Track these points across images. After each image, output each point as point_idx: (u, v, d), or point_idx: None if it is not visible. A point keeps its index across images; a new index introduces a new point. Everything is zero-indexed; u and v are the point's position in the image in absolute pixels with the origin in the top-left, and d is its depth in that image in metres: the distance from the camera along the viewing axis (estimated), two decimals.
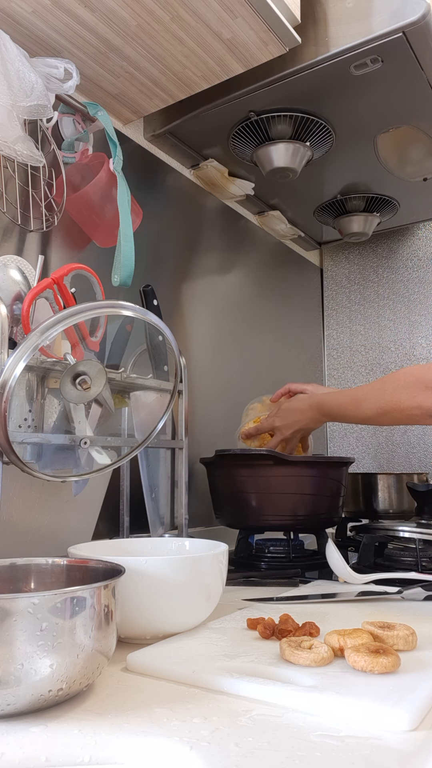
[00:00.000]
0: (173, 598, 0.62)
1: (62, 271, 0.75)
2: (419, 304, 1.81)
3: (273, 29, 0.94)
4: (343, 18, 1.01)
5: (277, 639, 0.62)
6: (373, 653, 0.53)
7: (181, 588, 0.62)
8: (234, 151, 1.31)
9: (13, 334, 0.74)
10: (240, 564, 1.09)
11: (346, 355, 1.92)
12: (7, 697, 0.43)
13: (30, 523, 0.77)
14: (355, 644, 0.56)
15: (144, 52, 0.99)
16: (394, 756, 0.40)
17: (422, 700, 0.46)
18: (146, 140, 1.27)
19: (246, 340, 1.56)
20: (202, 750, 0.40)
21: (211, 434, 1.37)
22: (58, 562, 0.60)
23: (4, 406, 0.64)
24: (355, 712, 0.45)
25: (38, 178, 0.96)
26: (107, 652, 0.49)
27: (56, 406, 0.80)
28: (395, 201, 1.57)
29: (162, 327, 0.81)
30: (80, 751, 0.41)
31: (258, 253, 1.65)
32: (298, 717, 0.45)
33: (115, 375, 0.84)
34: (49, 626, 0.44)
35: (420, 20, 0.95)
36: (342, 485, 1.14)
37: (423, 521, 1.20)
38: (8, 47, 0.83)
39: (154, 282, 1.04)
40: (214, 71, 1.04)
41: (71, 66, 0.91)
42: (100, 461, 0.79)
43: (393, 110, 1.19)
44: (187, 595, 0.63)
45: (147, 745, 0.41)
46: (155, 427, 0.84)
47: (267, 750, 0.40)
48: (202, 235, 1.44)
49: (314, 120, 1.20)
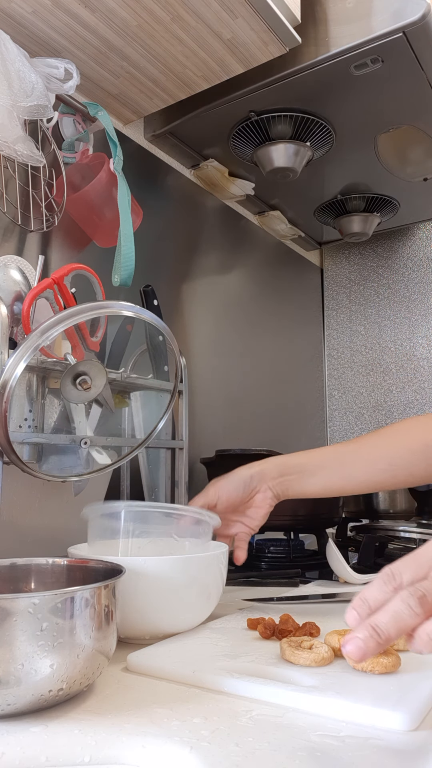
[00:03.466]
0: (173, 598, 0.62)
1: (62, 271, 0.75)
2: (419, 304, 1.80)
3: (273, 29, 0.94)
4: (344, 18, 1.01)
5: (277, 639, 0.62)
6: None
7: (181, 588, 0.62)
8: (234, 151, 1.31)
9: (14, 334, 0.74)
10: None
11: (346, 355, 1.92)
12: (8, 697, 0.43)
13: (30, 523, 0.77)
14: None
15: (144, 52, 0.99)
16: (394, 756, 0.40)
17: (422, 700, 0.46)
18: (146, 140, 1.27)
19: (246, 340, 1.56)
20: (203, 750, 0.40)
21: (211, 434, 1.37)
22: (59, 562, 0.60)
23: (5, 406, 0.64)
24: (356, 712, 0.45)
25: (38, 178, 0.96)
26: (107, 652, 0.49)
27: (56, 406, 0.80)
28: (395, 201, 1.57)
29: (162, 327, 0.81)
30: (80, 751, 0.41)
31: (258, 253, 1.65)
32: (299, 717, 0.45)
33: (115, 375, 0.84)
34: (50, 626, 0.44)
35: (420, 20, 0.94)
36: None
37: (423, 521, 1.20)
38: (8, 47, 0.83)
39: (154, 282, 1.04)
40: (214, 71, 1.04)
41: (71, 66, 0.90)
42: (100, 461, 0.79)
43: (393, 110, 1.18)
44: (187, 595, 0.63)
45: (147, 745, 0.41)
46: (155, 427, 0.85)
47: (267, 750, 0.40)
48: (203, 235, 1.44)
49: (314, 120, 1.20)
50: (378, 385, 1.85)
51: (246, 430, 1.51)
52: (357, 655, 0.40)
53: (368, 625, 0.40)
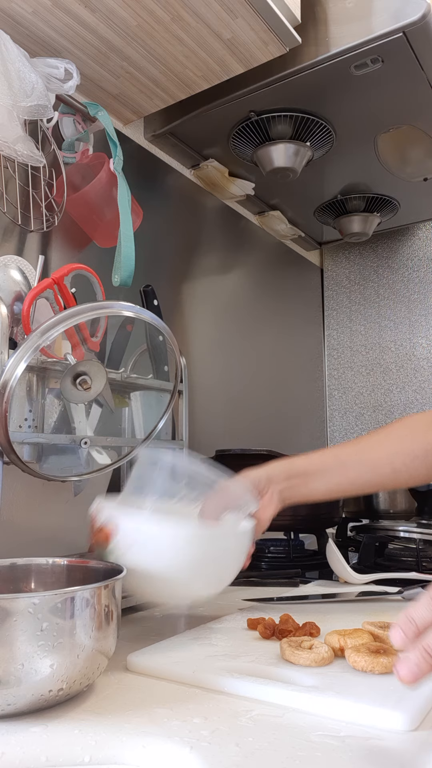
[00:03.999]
0: (192, 564, 0.62)
1: (62, 271, 0.75)
2: (419, 304, 1.80)
3: (273, 29, 0.94)
4: (344, 18, 1.01)
5: (277, 639, 0.62)
6: (374, 653, 0.53)
7: (198, 560, 0.63)
8: (234, 151, 1.31)
9: (14, 334, 0.74)
10: None
11: (346, 355, 1.92)
12: (8, 697, 0.43)
13: (30, 523, 0.77)
14: (356, 644, 0.56)
15: (144, 53, 0.99)
16: (394, 756, 0.40)
17: (422, 701, 0.46)
18: (146, 140, 1.27)
19: (246, 340, 1.56)
20: (203, 750, 0.40)
21: (211, 434, 1.37)
22: (59, 562, 0.60)
23: (5, 406, 0.64)
24: (356, 712, 0.45)
25: (38, 179, 0.96)
26: (107, 652, 0.49)
27: (56, 406, 0.80)
28: (395, 201, 1.57)
29: (162, 327, 0.81)
30: (80, 751, 0.41)
31: (258, 254, 1.65)
32: (299, 717, 0.45)
33: (115, 375, 0.84)
34: (50, 626, 0.44)
35: (420, 20, 0.94)
36: None
37: (423, 521, 1.20)
38: (8, 47, 0.83)
39: (154, 282, 1.04)
40: (214, 71, 1.04)
41: (71, 66, 0.90)
42: (101, 461, 0.79)
43: (393, 110, 1.18)
44: (203, 568, 0.63)
45: (147, 745, 0.41)
46: (155, 427, 0.84)
47: (267, 750, 0.40)
48: (203, 235, 1.44)
49: (314, 120, 1.20)
50: (378, 385, 1.85)
51: (246, 430, 1.51)
52: (410, 679, 0.39)
53: (421, 648, 0.39)
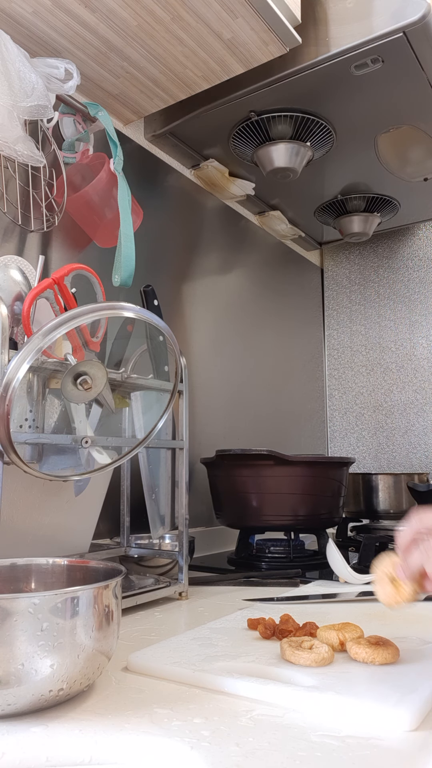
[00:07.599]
0: None
1: (63, 271, 0.75)
2: (419, 304, 1.81)
3: (273, 29, 0.94)
4: (344, 18, 1.01)
5: (277, 639, 0.62)
6: (373, 645, 0.54)
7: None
8: (234, 151, 1.31)
9: (14, 334, 0.74)
10: (240, 564, 1.09)
11: (346, 355, 1.92)
12: (8, 697, 0.43)
13: (31, 523, 0.77)
14: (354, 637, 0.57)
15: (144, 53, 0.99)
16: (394, 756, 0.40)
17: (422, 701, 0.46)
18: (147, 140, 1.27)
19: (246, 340, 1.56)
20: (203, 750, 0.40)
21: (211, 434, 1.37)
22: (59, 562, 0.60)
23: (7, 407, 0.64)
24: (356, 712, 0.45)
25: (39, 179, 0.96)
26: (108, 652, 0.49)
27: (57, 406, 0.80)
28: (395, 201, 1.57)
29: (162, 327, 0.81)
30: (81, 751, 0.41)
31: (258, 254, 1.65)
32: (299, 717, 0.45)
33: (115, 375, 0.84)
34: (50, 626, 0.44)
35: (420, 20, 0.94)
36: (342, 485, 1.14)
37: None
38: (9, 47, 0.83)
39: (154, 282, 1.04)
40: (214, 71, 1.04)
41: (72, 66, 0.90)
42: (101, 461, 0.79)
43: (393, 110, 1.18)
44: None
45: (148, 745, 0.41)
46: (155, 426, 0.84)
47: (268, 750, 0.40)
48: (203, 235, 1.44)
49: (314, 120, 1.20)
50: (378, 385, 1.85)
51: (246, 430, 1.51)
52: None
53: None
